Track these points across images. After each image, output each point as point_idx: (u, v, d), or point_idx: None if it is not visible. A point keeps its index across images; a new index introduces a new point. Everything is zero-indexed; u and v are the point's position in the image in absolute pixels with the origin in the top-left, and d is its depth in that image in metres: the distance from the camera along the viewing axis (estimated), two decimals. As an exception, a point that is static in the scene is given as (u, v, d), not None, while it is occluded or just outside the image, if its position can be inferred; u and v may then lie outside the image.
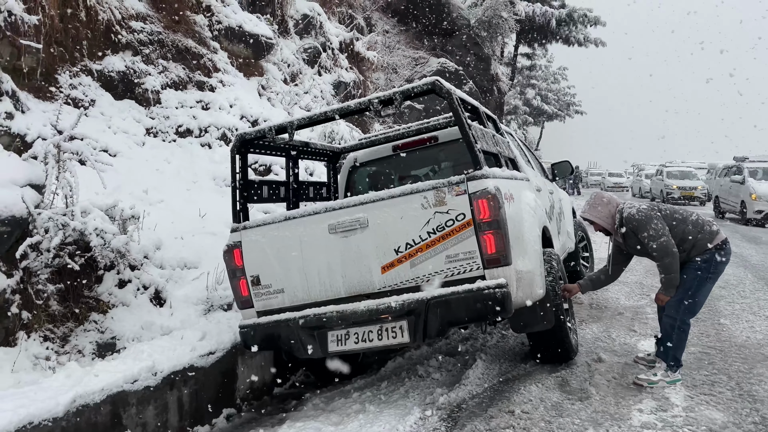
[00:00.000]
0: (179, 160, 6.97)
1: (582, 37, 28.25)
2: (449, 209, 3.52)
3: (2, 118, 5.41)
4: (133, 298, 4.62)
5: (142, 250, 4.78)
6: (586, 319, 5.99)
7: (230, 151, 4.24)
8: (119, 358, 3.85)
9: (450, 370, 4.65)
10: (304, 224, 3.89)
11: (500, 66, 25.17)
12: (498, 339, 5.42)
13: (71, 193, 4.17)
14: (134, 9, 7.65)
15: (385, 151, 5.49)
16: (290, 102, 9.81)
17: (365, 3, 15.67)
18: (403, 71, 14.91)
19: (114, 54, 7.14)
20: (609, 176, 46.45)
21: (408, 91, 3.69)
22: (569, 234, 6.83)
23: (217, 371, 4.20)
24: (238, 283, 4.06)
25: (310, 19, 11.82)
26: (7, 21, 5.56)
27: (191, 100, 7.72)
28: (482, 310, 3.42)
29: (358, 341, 3.74)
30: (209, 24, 8.93)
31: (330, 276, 3.82)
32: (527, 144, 6.93)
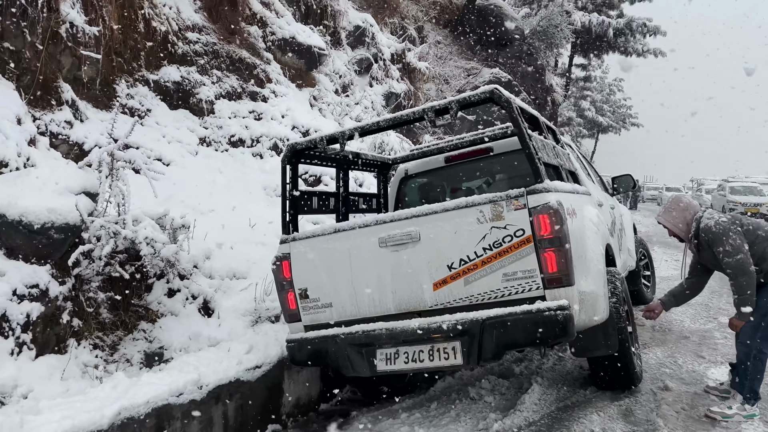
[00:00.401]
0: (231, 169, 7.00)
1: (641, 48, 27.44)
2: (507, 224, 3.32)
3: (62, 126, 5.53)
4: (181, 308, 4.59)
5: (192, 260, 4.76)
6: (649, 342, 5.65)
7: (281, 161, 4.18)
8: (165, 370, 3.80)
9: (503, 394, 4.42)
10: (354, 237, 3.77)
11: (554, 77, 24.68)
12: (555, 361, 5.16)
13: (123, 201, 4.18)
14: (191, 20, 7.76)
15: (437, 162, 5.34)
16: (341, 113, 9.79)
17: (417, 14, 15.60)
18: (455, 82, 14.73)
19: (170, 64, 7.24)
20: (666, 190, 44.88)
21: (465, 99, 3.51)
22: (630, 252, 6.50)
23: (263, 386, 4.10)
24: (286, 296, 3.97)
25: (363, 30, 11.82)
26: (68, 32, 5.69)
27: (244, 111, 7.77)
28: (542, 333, 3.20)
29: (407, 361, 3.57)
30: (263, 35, 9.01)
31: (379, 291, 3.68)
32: (586, 156, 6.65)
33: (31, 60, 5.27)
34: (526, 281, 3.30)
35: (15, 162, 4.39)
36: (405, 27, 14.58)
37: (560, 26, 19.74)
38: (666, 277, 9.50)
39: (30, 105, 5.18)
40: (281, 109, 8.17)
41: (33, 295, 3.73)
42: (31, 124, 4.97)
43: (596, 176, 6.39)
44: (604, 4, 27.58)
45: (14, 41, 5.13)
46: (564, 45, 23.78)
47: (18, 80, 5.11)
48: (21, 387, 3.44)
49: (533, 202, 3.28)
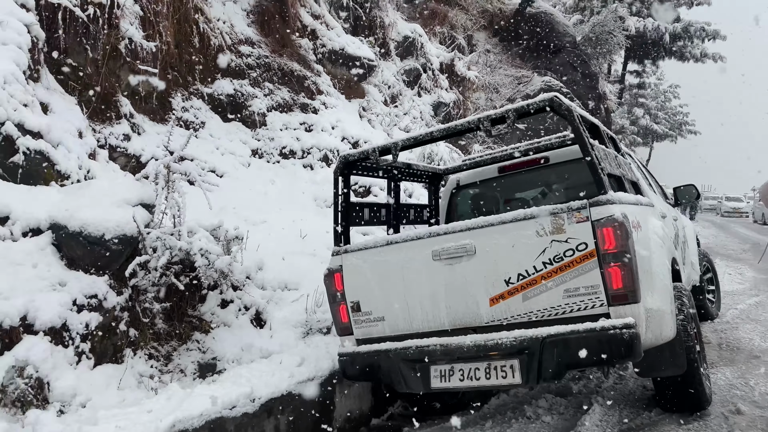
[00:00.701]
0: (282, 181, 7.05)
1: (699, 53, 26.56)
2: (569, 238, 3.16)
3: (120, 139, 5.68)
4: (234, 319, 4.61)
5: (245, 271, 4.78)
6: (716, 361, 5.34)
7: (333, 172, 4.14)
8: (218, 381, 3.80)
9: (562, 414, 4.24)
10: (407, 249, 3.68)
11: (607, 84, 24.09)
12: (615, 380, 4.93)
13: (179, 212, 4.23)
14: (243, 34, 7.89)
15: (490, 172, 5.20)
16: (390, 123, 9.77)
17: (466, 23, 15.50)
18: (505, 90, 14.53)
19: (223, 78, 7.37)
20: (726, 200, 43.10)
21: (522, 108, 3.38)
22: (694, 265, 6.20)
23: (314, 399, 4.05)
24: (338, 309, 3.92)
25: (411, 41, 11.80)
26: (127, 48, 5.86)
27: (295, 122, 7.84)
28: (606, 352, 3.03)
29: (463, 378, 3.44)
30: (314, 47, 9.08)
31: (433, 306, 3.58)
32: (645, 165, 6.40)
33: (92, 75, 5.44)
34: (589, 297, 3.13)
35: (76, 174, 4.53)
36: (454, 36, 14.50)
37: (613, 32, 19.29)
38: (730, 291, 9.05)
39: (90, 119, 5.35)
40: (331, 120, 8.20)
41: (92, 306, 3.81)
42: (91, 137, 5.13)
43: (657, 186, 6.13)
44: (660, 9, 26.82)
45: (77, 57, 5.31)
46: (617, 51, 23.23)
47: (80, 95, 5.28)
48: (80, 396, 3.49)
49: (597, 215, 3.12)
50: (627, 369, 5.16)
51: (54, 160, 4.37)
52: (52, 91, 4.90)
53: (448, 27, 14.63)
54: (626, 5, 25.53)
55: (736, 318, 7.23)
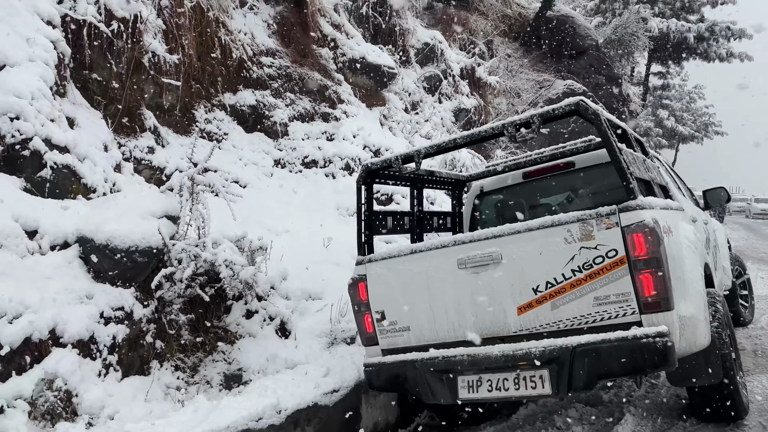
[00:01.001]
0: (305, 190, 7.07)
1: (724, 52, 26.09)
2: (598, 244, 3.09)
3: (144, 152, 5.74)
4: (259, 329, 4.60)
5: (269, 281, 4.77)
6: (752, 369, 5.19)
7: (356, 181, 4.12)
8: (244, 393, 3.79)
9: (593, 424, 4.14)
10: (431, 258, 3.63)
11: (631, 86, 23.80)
12: (647, 389, 4.81)
13: (203, 224, 4.24)
14: (264, 45, 7.95)
15: (515, 178, 5.12)
16: (411, 130, 9.75)
17: (486, 28, 15.44)
18: (527, 95, 14.42)
19: (245, 89, 7.42)
20: (755, 202, 42.18)
21: (548, 113, 3.31)
22: (725, 270, 6.03)
23: (340, 410, 4.02)
24: (363, 319, 3.88)
25: (431, 47, 11.79)
26: (151, 61, 5.93)
27: (317, 132, 7.85)
28: (639, 361, 2.94)
29: (491, 389, 3.37)
30: (334, 56, 9.11)
31: (459, 315, 3.52)
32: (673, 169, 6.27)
33: (117, 89, 5.51)
34: (620, 305, 3.05)
35: (102, 187, 4.57)
36: (474, 42, 14.45)
37: (636, 34, 19.06)
38: (763, 295, 8.81)
39: (115, 132, 5.41)
40: (352, 129, 8.21)
41: (119, 318, 3.83)
42: (116, 150, 5.19)
43: (686, 189, 6.00)
44: (683, 9, 26.46)
45: (101, 72, 5.38)
46: (640, 53, 22.94)
47: (105, 109, 5.35)
48: (107, 408, 3.51)
49: (626, 221, 3.04)
50: (659, 377, 5.03)
51: (80, 173, 4.42)
52: (77, 105, 4.97)
53: (468, 33, 14.59)
54: (648, 6, 25.23)
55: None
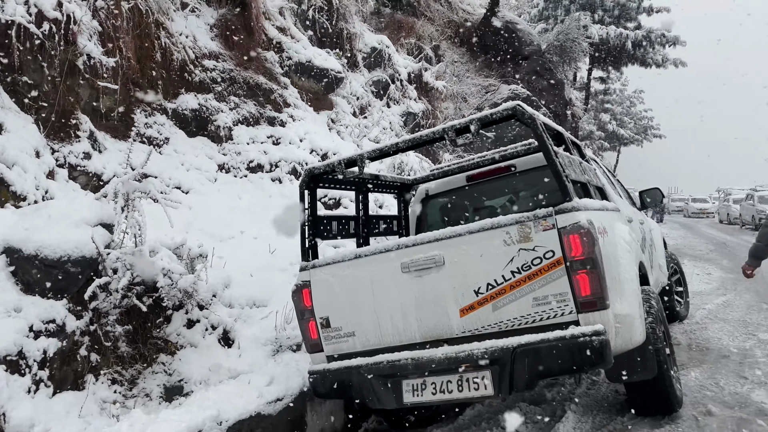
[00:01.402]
0: (250, 195, 6.95)
1: (660, 58, 27.18)
2: (536, 246, 3.15)
3: (80, 158, 5.52)
4: (201, 339, 4.49)
5: (211, 289, 4.67)
6: (686, 362, 5.39)
7: (299, 186, 4.06)
8: (184, 405, 3.69)
9: (536, 422, 4.22)
10: (375, 262, 3.62)
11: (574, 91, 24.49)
12: (588, 386, 4.93)
13: (140, 232, 4.11)
14: (207, 48, 7.80)
15: (459, 181, 5.18)
16: (359, 134, 9.74)
17: (433, 33, 15.60)
18: (473, 99, 14.64)
19: (187, 92, 7.25)
20: (692, 202, 44.09)
21: (486, 117, 3.35)
22: (661, 267, 6.26)
23: (284, 419, 3.96)
24: (307, 325, 3.83)
25: (379, 52, 11.82)
26: (86, 64, 5.72)
27: (262, 136, 7.74)
28: (577, 360, 3.01)
29: (435, 392, 3.39)
30: (280, 60, 9.02)
31: (404, 319, 3.52)
32: (612, 171, 6.47)
33: (50, 93, 5.29)
34: (558, 305, 3.11)
35: (33, 195, 4.38)
36: (421, 47, 14.57)
37: (577, 40, 19.61)
38: (699, 291, 9.20)
39: (49, 137, 5.19)
40: (299, 132, 8.14)
41: (50, 331, 3.67)
42: (49, 156, 4.98)
43: (623, 191, 6.20)
44: (621, 17, 27.44)
45: (32, 75, 5.16)
46: (582, 59, 23.60)
47: (36, 113, 5.12)
48: (38, 426, 3.35)
49: (563, 222, 3.11)
50: (600, 374, 5.17)
51: (9, 181, 4.22)
52: (6, 110, 4.74)
53: (415, 38, 14.70)
54: (589, 13, 26.03)
55: (705, 318, 7.34)
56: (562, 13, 26.07)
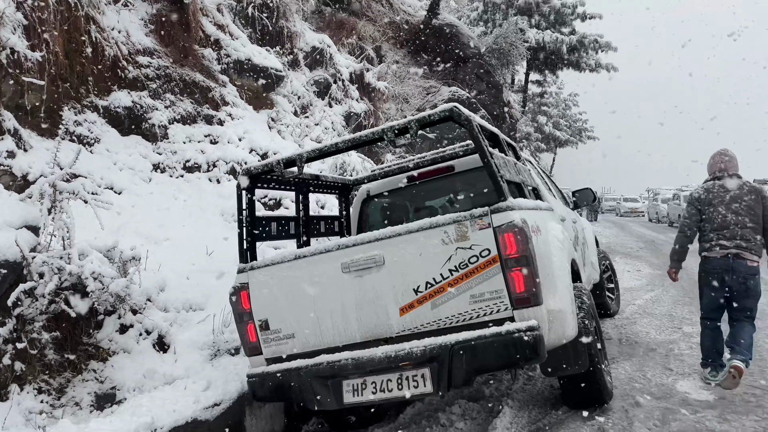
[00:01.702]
0: (187, 195, 6.77)
1: (593, 63, 28.20)
2: (472, 244, 3.21)
3: (3, 156, 5.25)
4: (135, 344, 4.35)
5: (145, 293, 4.52)
6: (617, 356, 5.61)
7: (236, 186, 3.98)
8: (116, 413, 3.57)
9: (474, 418, 4.30)
10: (316, 263, 3.60)
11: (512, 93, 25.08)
12: (524, 381, 5.06)
13: (68, 234, 3.94)
14: (141, 44, 7.55)
15: (399, 182, 5.22)
16: (300, 134, 9.66)
17: (375, 34, 15.64)
18: (415, 101, 14.77)
19: (120, 89, 7.00)
20: (624, 201, 45.92)
21: (424, 118, 3.40)
22: (593, 265, 6.51)
23: (222, 424, 3.88)
24: (246, 328, 3.77)
25: (320, 51, 11.75)
26: (9, 58, 5.44)
27: (199, 135, 7.56)
28: (512, 355, 3.09)
29: (375, 391, 3.40)
30: (218, 57, 8.83)
31: (344, 319, 3.52)
32: (546, 171, 6.67)
33: (-32, 88, 5.00)
34: (494, 302, 3.19)
35: (-51, 196, 4.13)
36: (363, 47, 14.58)
37: (515, 44, 20.11)
38: (629, 288, 9.59)
39: (-33, 135, 4.91)
40: (238, 132, 7.99)
41: (-32, 340, 3.47)
42: (-32, 155, 4.71)
43: (557, 191, 6.40)
44: (557, 22, 28.29)
45: (-51, 69, 4.86)
46: (519, 62, 24.24)
47: (-46, 110, 4.84)
48: (-45, 441, 3.17)
49: (497, 221, 3.19)
50: (536, 369, 5.31)
51: None
52: None
53: (356, 38, 14.70)
54: (526, 18, 26.73)
55: (635, 313, 7.67)
56: (500, 17, 26.66)
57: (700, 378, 4.82)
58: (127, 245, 4.49)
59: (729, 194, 4.77)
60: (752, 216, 4.68)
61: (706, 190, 4.92)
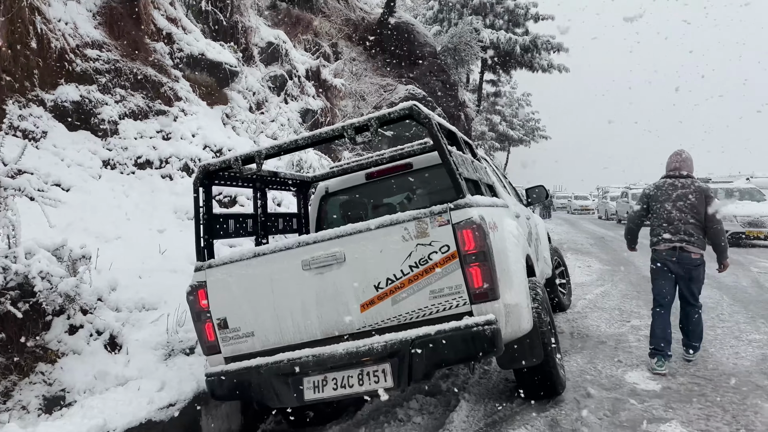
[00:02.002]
0: (138, 193, 6.61)
1: (546, 64, 28.77)
2: (432, 241, 3.26)
3: (-59, 151, 5.01)
4: (85, 345, 4.22)
5: (95, 293, 4.39)
6: (568, 349, 5.77)
7: (193, 183, 3.90)
8: (66, 416, 3.46)
9: (432, 413, 4.35)
10: (275, 261, 3.57)
11: (467, 93, 25.39)
12: (480, 375, 5.15)
13: (13, 232, 3.79)
14: (90, 37, 7.32)
15: (358, 179, 5.24)
16: (256, 130, 9.54)
17: (331, 31, 15.59)
18: (371, 98, 14.79)
19: (68, 83, 6.78)
20: (575, 199, 47.10)
21: (384, 116, 3.42)
22: (546, 260, 6.67)
23: (177, 425, 3.81)
24: (204, 327, 3.71)
25: (276, 47, 11.64)
26: (-52, 48, 5.20)
27: (151, 130, 7.39)
28: (471, 349, 3.14)
29: (336, 387, 3.41)
30: (170, 52, 8.64)
31: (304, 316, 3.50)
32: (500, 169, 6.80)
33: None
34: (453, 297, 3.24)
35: None
36: (319, 44, 14.51)
37: (470, 43, 20.36)
38: (580, 283, 9.86)
39: None
40: (191, 127, 7.84)
41: None
42: None
43: (511, 188, 6.52)
44: (511, 22, 28.77)
45: None
46: (474, 61, 24.52)
47: None
48: None
49: (456, 218, 3.24)
50: (491, 364, 5.42)
51: None
52: None
53: (312, 34, 14.62)
54: (480, 18, 27.09)
55: (586, 308, 7.89)
56: (455, 17, 26.94)
57: (647, 369, 5.01)
58: (77, 243, 4.35)
59: (676, 192, 5.11)
60: (695, 213, 5.03)
61: (657, 187, 5.28)
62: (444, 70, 18.77)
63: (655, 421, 3.90)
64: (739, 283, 9.41)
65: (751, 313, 7.13)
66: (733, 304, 7.54)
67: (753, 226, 15.97)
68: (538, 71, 29.41)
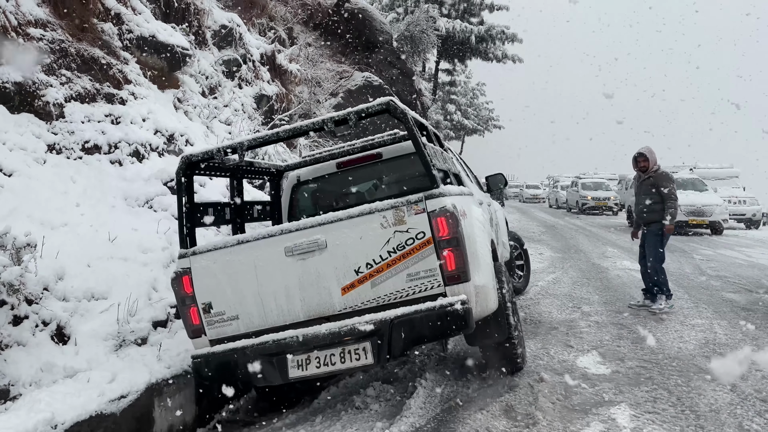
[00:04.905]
0: (86, 178, 6.36)
1: (500, 54, 29.10)
2: (409, 228, 3.51)
3: None
4: (30, 337, 4.06)
5: (41, 282, 4.23)
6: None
7: (176, 173, 4.01)
8: (12, 410, 3.33)
9: (389, 400, 4.37)
10: (259, 248, 3.74)
11: (423, 81, 25.44)
12: (436, 361, 5.21)
13: (-49, 219, 3.60)
14: (33, 15, 6.97)
15: (329, 168, 5.37)
16: (209, 115, 9.32)
17: (286, 15, 15.33)
18: (327, 84, 14.65)
19: (9, 63, 6.44)
20: (527, 188, 48.06)
21: (362, 111, 3.66)
22: (505, 245, 6.87)
23: (130, 417, 3.72)
24: (188, 312, 3.85)
25: (230, 30, 11.37)
26: None
27: (99, 114, 7.10)
28: (445, 327, 3.42)
29: (320, 365, 3.61)
30: (119, 33, 8.33)
31: (288, 300, 3.67)
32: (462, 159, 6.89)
33: None
34: (428, 280, 3.49)
35: None
36: (274, 28, 14.26)
37: (426, 32, 20.39)
38: (533, 270, 10.08)
39: None
40: (142, 112, 7.58)
41: None
42: None
43: (473, 176, 6.66)
44: (466, 12, 28.93)
45: None
46: (430, 50, 24.62)
47: None
48: None
49: (431, 206, 3.49)
50: (447, 351, 5.49)
51: None
52: None
53: (267, 18, 14.34)
54: (437, 6, 27.15)
55: (538, 294, 8.08)
56: (412, 4, 26.91)
57: (598, 354, 5.16)
58: (21, 231, 4.17)
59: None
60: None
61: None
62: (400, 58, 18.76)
63: (606, 404, 4.03)
64: (682, 269, 9.79)
65: (694, 299, 7.43)
66: (677, 290, 7.84)
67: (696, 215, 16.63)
68: (492, 61, 29.75)
